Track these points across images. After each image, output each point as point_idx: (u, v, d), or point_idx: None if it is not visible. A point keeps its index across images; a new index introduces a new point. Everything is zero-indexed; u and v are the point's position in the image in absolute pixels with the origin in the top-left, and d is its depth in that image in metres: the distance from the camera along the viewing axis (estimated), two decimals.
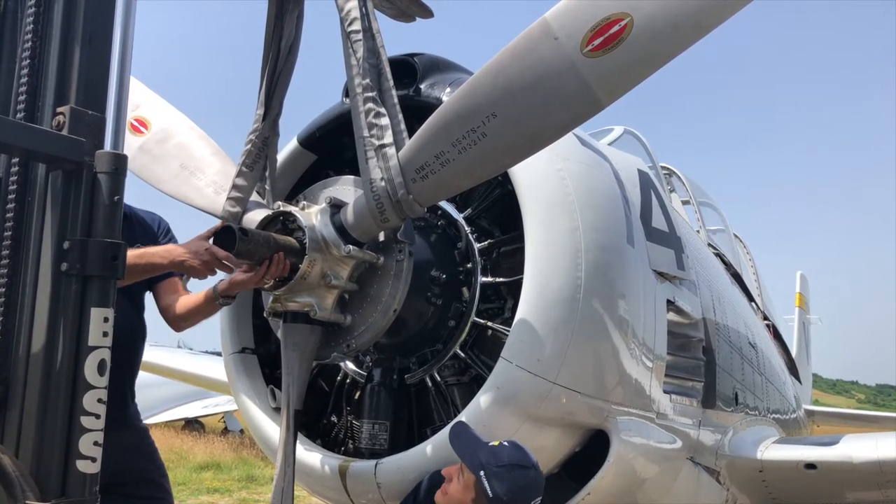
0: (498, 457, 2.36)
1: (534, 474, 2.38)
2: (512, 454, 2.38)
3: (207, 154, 3.20)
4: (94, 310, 1.68)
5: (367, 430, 3.03)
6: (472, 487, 2.35)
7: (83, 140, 1.71)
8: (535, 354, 2.61)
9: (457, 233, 3.11)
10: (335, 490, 2.93)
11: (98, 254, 1.69)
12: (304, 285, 2.64)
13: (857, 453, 4.08)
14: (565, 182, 2.76)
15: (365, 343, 2.74)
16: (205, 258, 2.66)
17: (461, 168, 2.44)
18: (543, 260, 2.66)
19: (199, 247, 2.69)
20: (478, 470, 2.33)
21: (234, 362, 3.39)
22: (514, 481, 2.32)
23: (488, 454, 2.36)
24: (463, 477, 2.38)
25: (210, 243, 2.70)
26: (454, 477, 2.42)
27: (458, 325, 3.00)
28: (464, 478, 2.38)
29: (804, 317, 14.09)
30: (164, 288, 3.06)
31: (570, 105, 2.28)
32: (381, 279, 2.72)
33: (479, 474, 2.32)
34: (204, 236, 2.76)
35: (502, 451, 2.39)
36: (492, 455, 2.36)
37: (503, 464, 2.34)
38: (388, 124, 2.58)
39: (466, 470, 2.38)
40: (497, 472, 2.32)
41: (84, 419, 1.66)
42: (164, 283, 3.08)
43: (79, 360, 1.67)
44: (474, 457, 2.37)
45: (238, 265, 2.69)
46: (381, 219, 2.58)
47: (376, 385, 3.08)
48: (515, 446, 2.43)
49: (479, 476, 2.32)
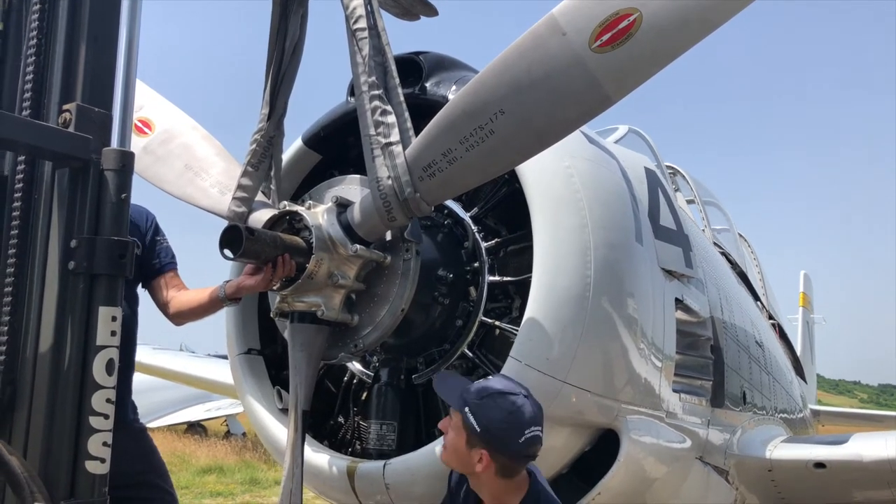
0: (481, 389, 2.24)
1: (522, 400, 2.23)
2: (496, 383, 2.27)
3: (211, 154, 3.19)
4: (101, 309, 1.66)
5: (374, 430, 3.00)
6: (462, 428, 2.22)
7: (89, 137, 1.69)
8: (545, 353, 2.59)
9: (463, 232, 3.09)
10: (343, 491, 2.91)
11: (106, 252, 1.67)
12: (310, 285, 2.62)
13: (868, 452, 4.05)
14: (573, 179, 2.74)
15: (372, 343, 2.72)
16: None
17: (469, 166, 2.42)
18: (552, 258, 2.63)
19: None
20: (462, 407, 2.22)
21: (240, 363, 3.37)
22: (502, 409, 2.19)
23: (472, 390, 2.25)
24: (452, 422, 2.28)
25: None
26: (447, 427, 2.32)
27: (466, 324, 2.98)
28: (453, 422, 2.27)
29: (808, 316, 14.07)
30: (163, 283, 3.04)
31: (578, 101, 2.26)
32: (389, 279, 2.70)
33: (464, 411, 2.20)
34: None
35: (486, 383, 2.28)
36: (475, 389, 2.24)
37: (486, 394, 2.22)
38: (394, 122, 2.56)
39: (454, 412, 2.27)
40: (481, 404, 2.19)
41: (93, 419, 1.63)
42: (161, 278, 3.06)
43: (87, 360, 1.65)
44: (458, 397, 2.26)
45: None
46: (388, 218, 2.56)
47: (383, 385, 3.06)
48: (502, 377, 2.33)
49: (464, 413, 2.20)
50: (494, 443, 2.21)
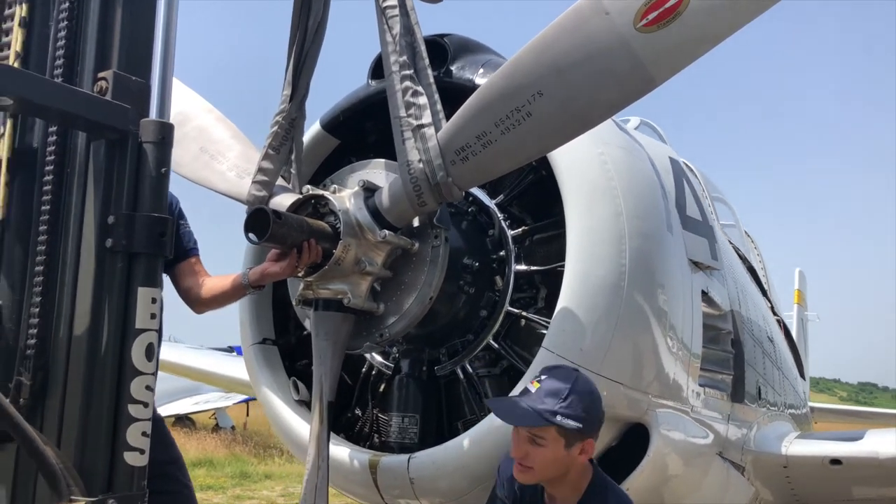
0: (554, 392, 2.21)
1: (584, 377, 2.30)
2: (557, 381, 2.24)
3: (227, 137, 3.09)
4: (141, 290, 1.56)
5: (396, 423, 2.92)
6: (558, 437, 2.21)
7: (128, 107, 1.59)
8: (578, 344, 2.51)
9: (488, 220, 3.01)
10: (364, 486, 2.82)
11: (145, 229, 1.56)
12: (337, 272, 2.53)
13: (884, 448, 4.01)
14: (607, 167, 2.66)
15: (399, 332, 2.63)
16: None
17: (504, 149, 2.34)
18: (587, 246, 2.56)
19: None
20: (552, 418, 2.18)
21: (254, 353, 3.27)
22: (583, 395, 2.23)
23: (546, 399, 2.21)
24: (543, 439, 2.23)
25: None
26: (525, 446, 2.24)
27: (492, 314, 2.89)
28: (546, 439, 2.22)
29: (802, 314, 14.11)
30: (185, 269, 2.92)
31: (621, 83, 2.18)
32: (417, 266, 2.61)
33: (557, 420, 2.18)
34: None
35: (547, 386, 2.24)
36: (548, 396, 2.22)
37: (563, 394, 2.21)
38: (426, 103, 2.48)
39: (539, 429, 2.22)
40: (568, 405, 2.19)
41: (131, 408, 1.53)
42: (184, 264, 2.94)
43: (125, 344, 1.54)
44: (535, 414, 2.20)
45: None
46: (418, 202, 2.47)
47: (405, 377, 2.97)
48: (550, 373, 2.29)
49: (558, 423, 2.18)
50: (595, 425, 2.28)
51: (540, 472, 2.27)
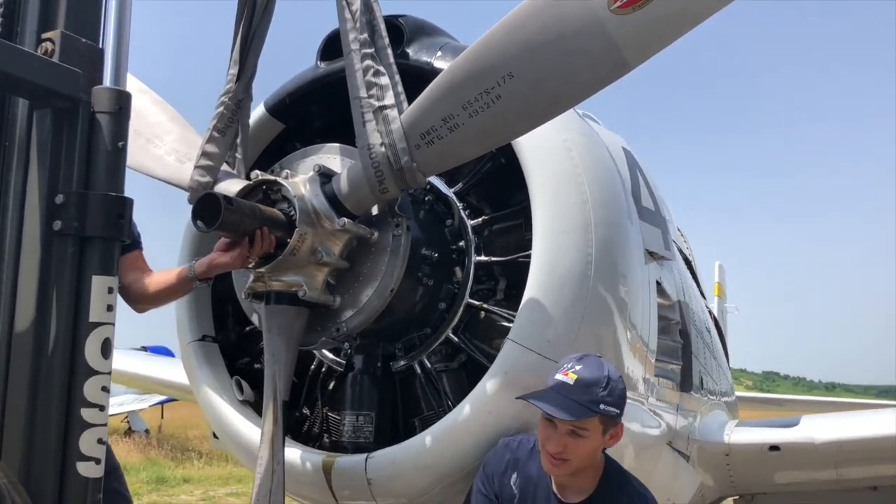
0: (592, 383, 2.18)
1: (607, 361, 2.30)
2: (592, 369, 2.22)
3: (164, 120, 2.88)
4: (95, 278, 1.37)
5: (349, 422, 2.78)
6: (600, 425, 2.20)
7: (78, 72, 1.39)
8: (546, 335, 2.44)
9: (445, 209, 2.90)
10: (317, 488, 2.67)
11: (100, 210, 1.37)
12: (291, 262, 2.38)
13: (819, 434, 4.13)
14: (572, 153, 2.60)
15: (357, 327, 2.50)
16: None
17: (471, 133, 2.24)
18: (553, 236, 2.48)
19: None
20: (597, 408, 2.17)
21: (194, 351, 3.06)
22: (616, 383, 2.22)
23: (584, 390, 2.17)
24: (586, 430, 2.18)
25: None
26: (564, 439, 2.18)
27: (451, 307, 2.79)
28: (588, 430, 2.19)
29: (723, 306, 14.63)
30: (127, 264, 2.66)
31: (594, 66, 2.12)
32: (376, 256, 2.49)
33: (601, 409, 2.17)
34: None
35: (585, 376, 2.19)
36: (586, 388, 2.18)
37: (603, 383, 2.18)
38: (388, 84, 2.35)
39: (584, 421, 2.17)
40: (610, 391, 2.18)
41: (85, 412, 1.34)
42: (125, 259, 2.69)
43: (78, 340, 1.35)
44: (584, 406, 2.16)
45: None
46: (379, 189, 2.35)
47: (358, 373, 2.83)
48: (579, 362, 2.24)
49: (602, 412, 2.17)
50: (624, 409, 2.26)
51: (577, 464, 2.24)
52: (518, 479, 2.34)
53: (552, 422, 2.20)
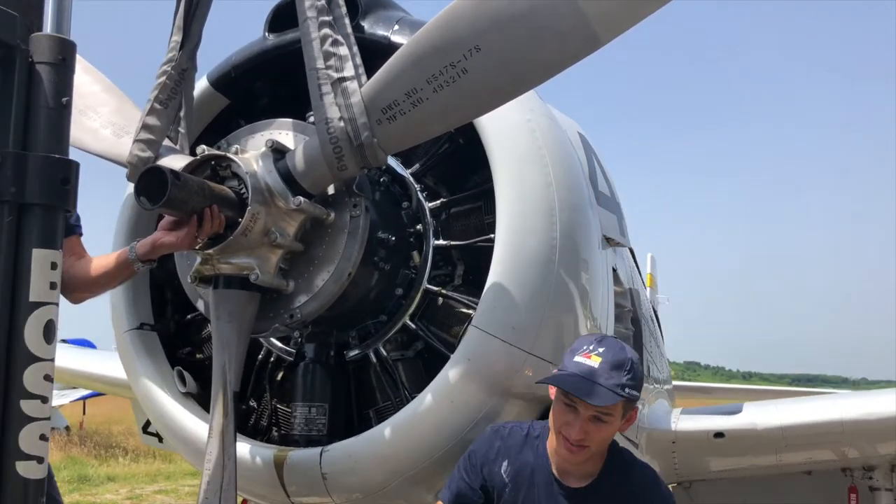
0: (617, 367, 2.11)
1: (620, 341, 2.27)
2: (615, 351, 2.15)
3: (98, 90, 2.67)
4: (36, 252, 1.20)
5: (301, 414, 2.63)
6: (621, 409, 2.15)
7: (14, 14, 1.21)
8: (510, 321, 2.36)
9: (401, 191, 2.78)
10: (267, 484, 2.53)
11: (41, 174, 1.19)
12: (242, 244, 2.22)
13: (761, 420, 4.19)
14: (535, 135, 2.52)
15: (311, 313, 2.36)
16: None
17: (436, 109, 2.14)
18: (519, 218, 2.40)
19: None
20: (623, 392, 2.09)
21: (131, 340, 2.86)
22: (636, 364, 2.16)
23: (609, 374, 2.09)
24: (610, 416, 2.12)
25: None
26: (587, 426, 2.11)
27: (408, 293, 2.67)
28: (612, 415, 2.12)
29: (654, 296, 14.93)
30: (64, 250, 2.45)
31: (564, 41, 2.04)
32: (333, 238, 2.35)
33: (626, 393, 2.10)
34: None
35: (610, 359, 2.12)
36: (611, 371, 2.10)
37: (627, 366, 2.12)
38: (347, 55, 2.22)
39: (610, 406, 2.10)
40: (632, 376, 2.12)
41: (25, 404, 1.17)
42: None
43: (16, 322, 1.17)
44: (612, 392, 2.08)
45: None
46: (337, 166, 2.21)
47: (310, 363, 2.69)
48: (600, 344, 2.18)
49: (627, 396, 2.11)
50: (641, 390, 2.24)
51: (595, 450, 2.18)
52: (509, 468, 2.26)
53: (573, 406, 2.13)
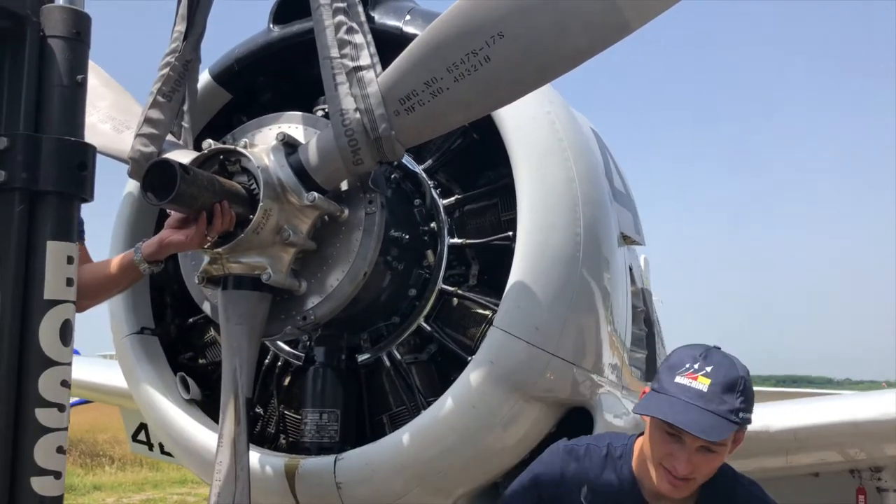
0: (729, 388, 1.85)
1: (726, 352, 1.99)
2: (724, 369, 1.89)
3: (97, 84, 2.55)
4: (51, 245, 1.07)
5: (312, 420, 2.52)
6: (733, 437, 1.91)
7: None
8: (534, 322, 2.26)
9: (412, 187, 2.67)
10: (278, 494, 2.41)
11: (55, 158, 1.07)
12: (253, 242, 2.11)
13: (774, 422, 4.10)
14: (556, 127, 2.43)
15: (325, 315, 2.24)
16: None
17: (456, 99, 2.04)
18: (541, 214, 2.30)
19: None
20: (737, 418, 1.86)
21: (131, 345, 2.73)
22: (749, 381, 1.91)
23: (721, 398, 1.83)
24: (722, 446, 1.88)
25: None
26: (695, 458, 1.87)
27: (422, 294, 2.56)
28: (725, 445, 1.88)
29: None
30: None
31: (592, 28, 1.95)
32: (347, 236, 2.24)
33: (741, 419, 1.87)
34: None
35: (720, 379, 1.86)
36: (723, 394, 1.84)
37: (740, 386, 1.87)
38: (363, 43, 2.11)
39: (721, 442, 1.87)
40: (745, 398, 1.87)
41: (41, 413, 1.05)
42: None
43: (29, 323, 1.06)
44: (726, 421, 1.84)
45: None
46: (353, 160, 2.10)
47: (321, 367, 2.58)
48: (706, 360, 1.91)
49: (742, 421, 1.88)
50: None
51: (701, 481, 1.95)
52: (589, 494, 2.06)
53: (677, 437, 1.87)
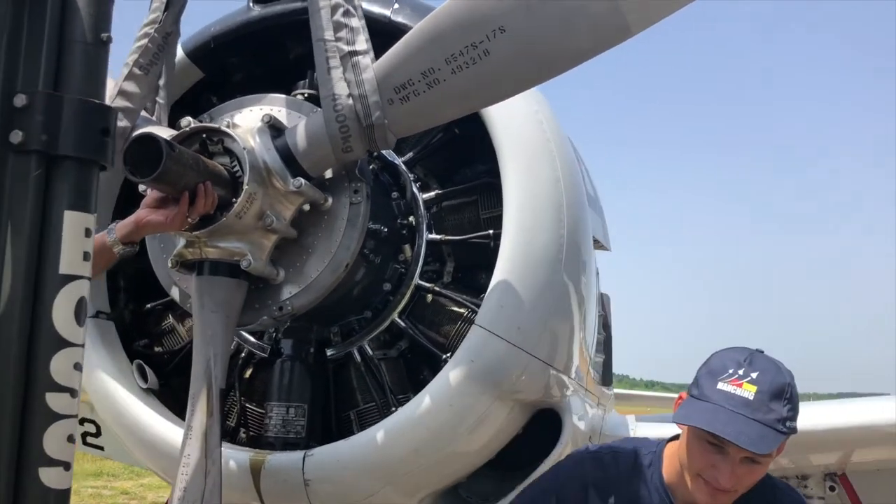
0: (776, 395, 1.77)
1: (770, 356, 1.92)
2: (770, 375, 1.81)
3: None
4: (69, 215, 0.97)
5: (277, 415, 2.43)
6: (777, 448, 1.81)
7: None
8: (516, 322, 2.23)
9: (390, 180, 2.62)
10: (239, 490, 2.32)
11: (77, 121, 0.96)
12: (235, 227, 2.02)
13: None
14: (543, 127, 2.42)
15: (303, 306, 2.17)
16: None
17: (453, 91, 2.00)
18: (528, 213, 2.28)
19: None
20: (784, 427, 1.78)
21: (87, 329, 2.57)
22: (795, 385, 1.84)
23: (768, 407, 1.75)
24: (768, 456, 1.80)
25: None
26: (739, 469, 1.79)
27: (398, 289, 2.51)
28: (770, 455, 1.79)
29: None
30: None
31: (595, 28, 1.94)
32: (329, 226, 2.17)
33: (788, 428, 1.79)
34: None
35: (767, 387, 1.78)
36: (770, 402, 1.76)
37: (787, 393, 1.79)
38: (360, 27, 2.05)
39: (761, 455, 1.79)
40: (792, 407, 1.79)
41: (52, 399, 0.94)
42: None
43: (42, 299, 0.95)
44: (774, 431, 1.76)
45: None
46: (342, 147, 2.04)
47: (288, 360, 2.49)
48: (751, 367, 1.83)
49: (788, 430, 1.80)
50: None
51: (742, 492, 1.89)
52: (616, 503, 2.03)
53: (720, 447, 1.79)
